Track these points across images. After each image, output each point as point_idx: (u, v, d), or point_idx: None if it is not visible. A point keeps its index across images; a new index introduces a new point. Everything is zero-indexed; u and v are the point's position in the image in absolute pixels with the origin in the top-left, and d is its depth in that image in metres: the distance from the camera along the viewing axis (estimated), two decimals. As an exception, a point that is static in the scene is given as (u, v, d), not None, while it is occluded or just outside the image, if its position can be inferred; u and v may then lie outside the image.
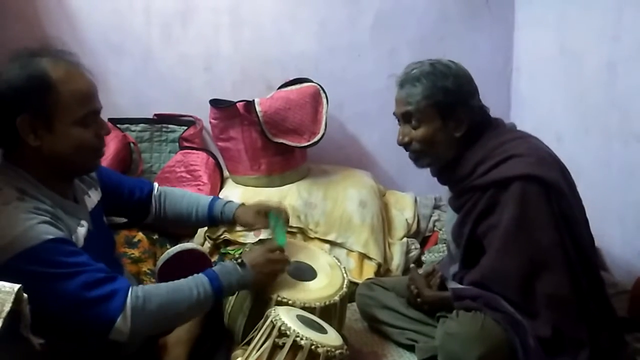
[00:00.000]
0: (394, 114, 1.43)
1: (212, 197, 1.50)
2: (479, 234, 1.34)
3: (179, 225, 1.55)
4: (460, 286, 1.38)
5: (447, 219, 1.60)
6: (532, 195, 1.25)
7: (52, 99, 1.03)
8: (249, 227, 1.48)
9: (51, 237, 0.99)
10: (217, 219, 1.45)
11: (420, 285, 1.52)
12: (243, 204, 1.46)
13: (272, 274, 1.26)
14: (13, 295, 0.66)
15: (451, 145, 1.37)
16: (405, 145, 1.40)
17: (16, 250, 0.96)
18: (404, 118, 1.39)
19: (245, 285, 1.22)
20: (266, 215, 1.41)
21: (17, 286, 0.68)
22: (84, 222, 1.14)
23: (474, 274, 1.34)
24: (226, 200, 1.50)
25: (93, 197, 1.26)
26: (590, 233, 1.33)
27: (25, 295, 0.70)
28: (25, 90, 1.02)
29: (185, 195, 1.50)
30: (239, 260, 1.21)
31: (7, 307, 0.64)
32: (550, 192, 1.25)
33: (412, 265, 1.92)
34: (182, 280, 1.13)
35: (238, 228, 1.92)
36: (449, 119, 1.34)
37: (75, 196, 1.19)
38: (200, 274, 1.15)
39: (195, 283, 1.12)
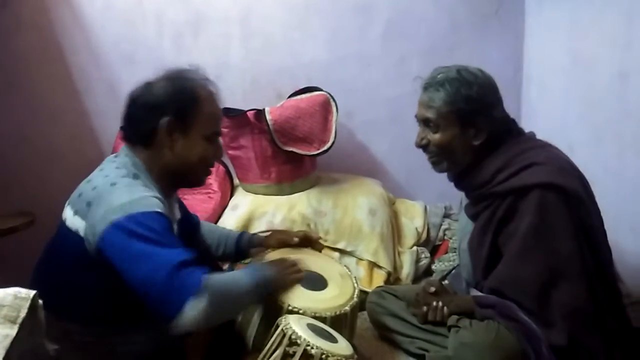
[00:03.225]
0: (415, 116, 1.43)
1: (240, 232, 1.61)
2: (499, 243, 1.33)
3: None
4: (480, 294, 1.37)
5: (459, 227, 1.60)
6: (552, 204, 1.24)
7: (195, 111, 1.23)
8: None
9: (160, 211, 1.12)
10: (244, 251, 1.55)
11: (444, 293, 1.48)
12: (269, 234, 1.57)
13: (288, 278, 1.30)
14: (29, 302, 0.67)
15: (468, 152, 1.37)
16: (423, 148, 1.41)
17: (128, 211, 1.09)
18: (424, 122, 1.39)
19: (266, 282, 1.24)
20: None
21: (32, 292, 0.69)
22: (175, 227, 1.29)
23: (491, 281, 1.33)
24: (252, 233, 1.62)
25: (176, 213, 1.39)
26: (607, 243, 1.32)
27: (40, 301, 0.71)
28: (176, 98, 1.22)
29: (218, 229, 1.64)
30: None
31: (23, 313, 0.65)
32: (570, 200, 1.25)
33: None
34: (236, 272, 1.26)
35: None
36: (468, 127, 1.35)
37: (171, 205, 1.32)
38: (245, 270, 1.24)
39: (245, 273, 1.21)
